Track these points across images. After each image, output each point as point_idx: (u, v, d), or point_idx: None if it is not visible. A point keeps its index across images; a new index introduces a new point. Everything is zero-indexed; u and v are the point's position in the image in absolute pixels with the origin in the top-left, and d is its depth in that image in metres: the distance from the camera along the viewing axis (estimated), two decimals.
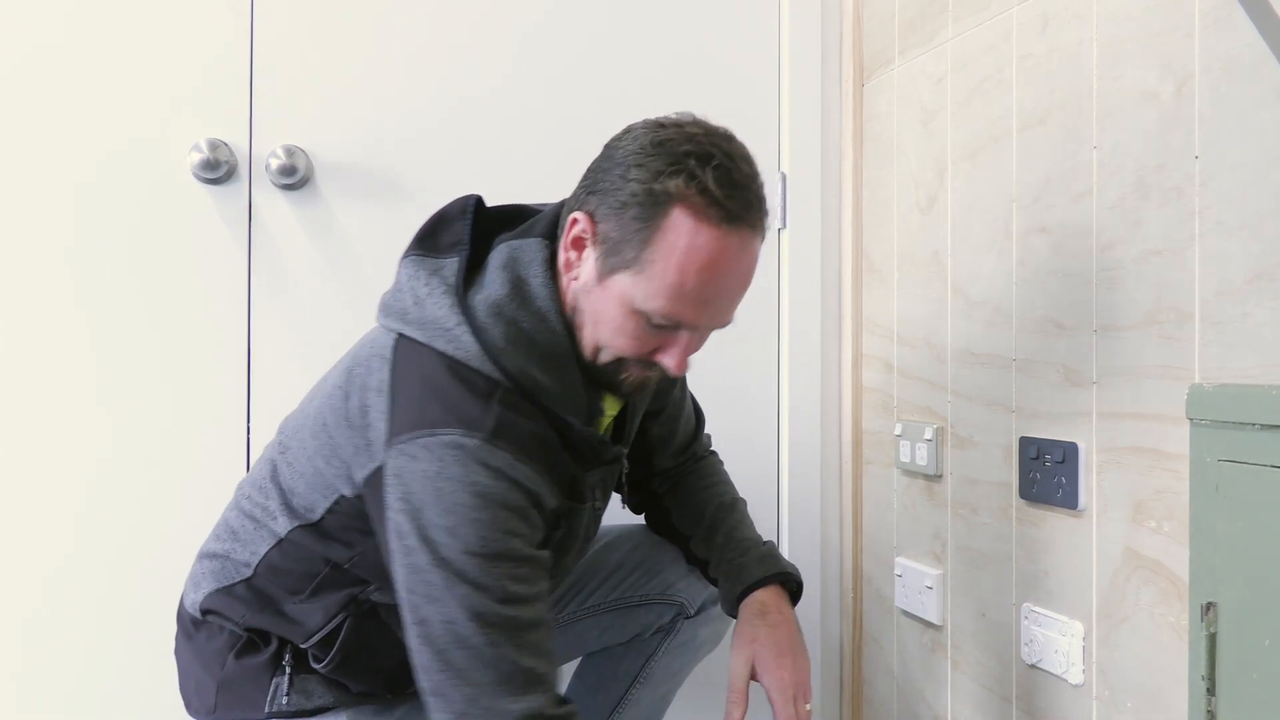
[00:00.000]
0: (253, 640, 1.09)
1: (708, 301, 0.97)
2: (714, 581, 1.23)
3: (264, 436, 1.49)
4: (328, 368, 1.25)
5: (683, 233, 0.93)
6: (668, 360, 1.01)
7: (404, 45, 1.55)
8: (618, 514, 1.31)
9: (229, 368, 1.49)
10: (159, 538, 1.47)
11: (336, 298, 1.52)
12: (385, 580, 1.01)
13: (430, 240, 1.06)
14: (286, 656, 1.08)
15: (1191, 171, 0.97)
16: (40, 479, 1.44)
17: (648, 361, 1.02)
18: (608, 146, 1.01)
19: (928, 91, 1.45)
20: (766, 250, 1.71)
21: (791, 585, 1.19)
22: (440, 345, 0.99)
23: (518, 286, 1.01)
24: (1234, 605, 0.64)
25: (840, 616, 1.70)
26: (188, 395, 1.48)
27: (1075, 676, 1.14)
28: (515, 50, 1.59)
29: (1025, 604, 1.23)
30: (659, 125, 0.97)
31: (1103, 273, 1.09)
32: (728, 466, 1.36)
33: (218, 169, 1.45)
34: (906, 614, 1.50)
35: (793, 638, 1.14)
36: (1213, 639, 0.65)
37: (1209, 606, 0.65)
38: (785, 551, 1.67)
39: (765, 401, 1.69)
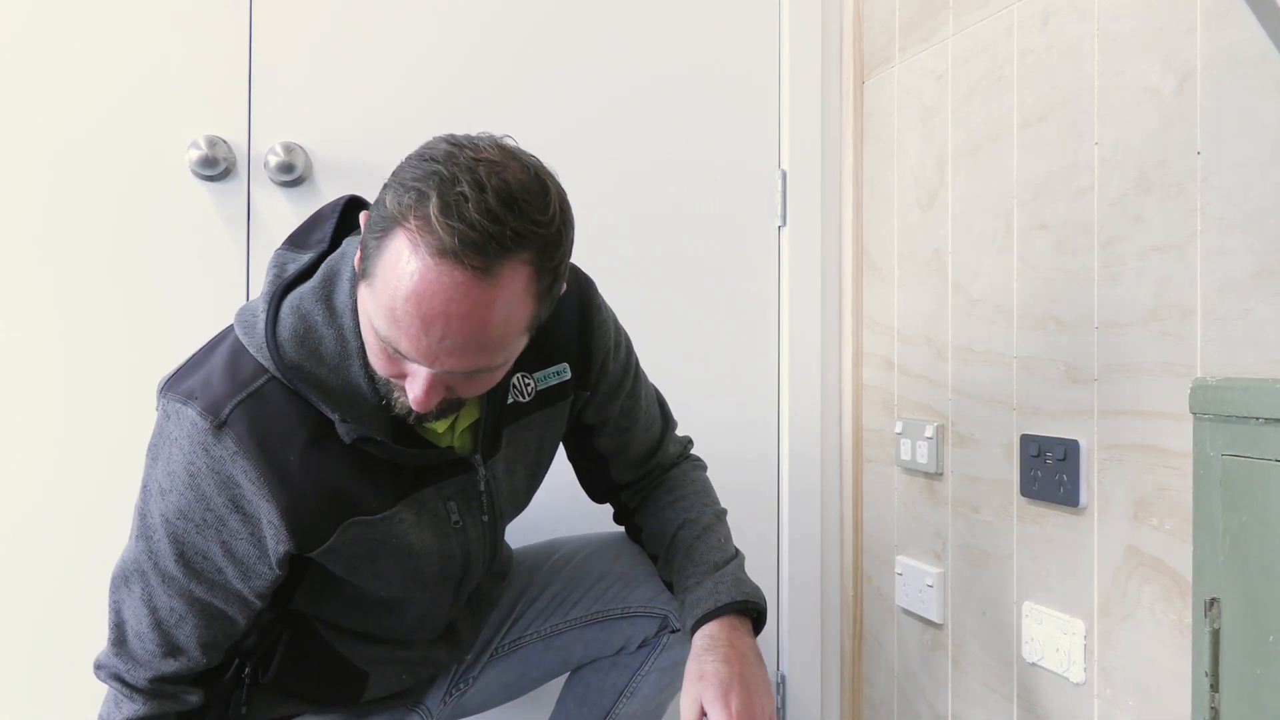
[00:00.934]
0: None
1: (422, 337, 0.86)
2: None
3: None
4: None
5: (398, 257, 0.84)
6: (406, 392, 0.92)
7: (404, 43, 1.54)
8: (605, 524, 1.32)
9: None
10: None
11: None
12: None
13: (300, 236, 1.05)
14: (246, 669, 1.09)
15: (1193, 167, 0.97)
16: (36, 477, 1.43)
17: (398, 387, 0.94)
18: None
19: (928, 88, 1.44)
20: (766, 248, 1.72)
21: (751, 612, 1.12)
22: (239, 330, 0.99)
23: (328, 281, 0.97)
24: (1237, 601, 0.63)
25: (840, 615, 1.69)
26: None
27: (1076, 675, 1.13)
28: (516, 46, 1.58)
29: (1026, 602, 1.22)
30: (446, 140, 0.89)
31: (1104, 269, 1.09)
32: (728, 466, 1.35)
33: (216, 166, 1.45)
34: (907, 612, 1.49)
35: (744, 672, 1.06)
36: (1216, 635, 0.64)
37: (1212, 602, 0.65)
38: (785, 551, 1.67)
39: (765, 400, 1.69)
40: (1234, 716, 0.64)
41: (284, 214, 1.50)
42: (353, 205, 1.06)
